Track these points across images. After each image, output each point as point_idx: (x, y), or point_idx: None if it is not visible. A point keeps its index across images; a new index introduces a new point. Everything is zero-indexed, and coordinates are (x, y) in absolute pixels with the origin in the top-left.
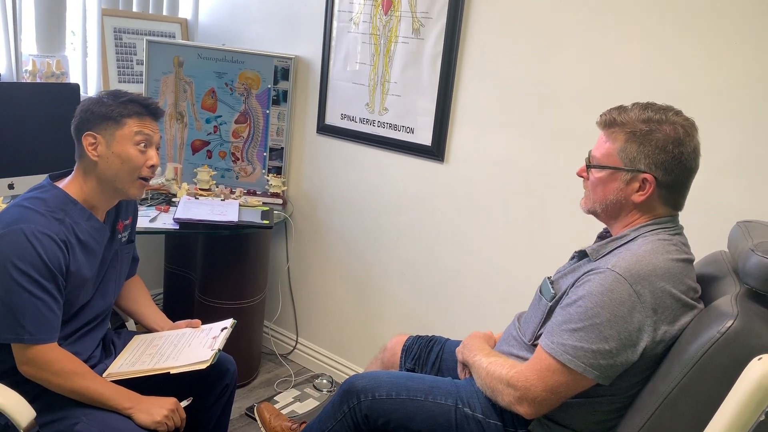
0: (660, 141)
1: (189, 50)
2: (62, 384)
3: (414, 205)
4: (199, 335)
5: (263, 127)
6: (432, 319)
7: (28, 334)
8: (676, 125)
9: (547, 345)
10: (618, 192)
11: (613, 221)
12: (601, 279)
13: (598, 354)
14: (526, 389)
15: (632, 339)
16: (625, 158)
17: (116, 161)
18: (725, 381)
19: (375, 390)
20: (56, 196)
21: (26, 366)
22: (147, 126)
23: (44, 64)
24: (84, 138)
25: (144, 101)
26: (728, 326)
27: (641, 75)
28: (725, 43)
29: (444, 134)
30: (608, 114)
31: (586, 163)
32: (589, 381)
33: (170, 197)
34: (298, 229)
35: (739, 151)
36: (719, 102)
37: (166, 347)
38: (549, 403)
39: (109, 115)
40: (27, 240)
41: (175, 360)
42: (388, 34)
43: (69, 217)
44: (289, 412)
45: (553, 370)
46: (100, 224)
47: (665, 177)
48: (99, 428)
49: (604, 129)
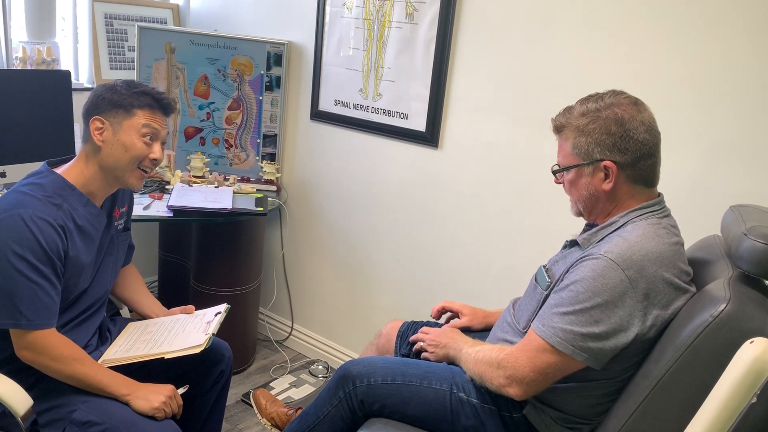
0: (602, 126)
1: (181, 36)
2: (60, 369)
3: (408, 190)
4: (193, 320)
5: (256, 113)
6: (426, 304)
7: (25, 320)
8: (613, 107)
9: (538, 327)
10: (588, 186)
11: (597, 215)
12: (594, 264)
13: (587, 337)
14: (516, 369)
15: (623, 324)
16: (581, 153)
17: (120, 148)
18: (718, 364)
19: (370, 375)
20: (54, 181)
21: (25, 351)
22: (156, 120)
23: (34, 50)
24: (92, 122)
25: (157, 95)
26: (721, 310)
27: (634, 61)
28: (717, 28)
29: (438, 120)
30: (555, 119)
31: (552, 171)
32: (579, 364)
33: (164, 185)
34: (293, 215)
35: (732, 135)
36: (712, 86)
37: (160, 333)
38: (538, 385)
39: (120, 102)
40: (25, 225)
41: (169, 345)
42: (382, 18)
43: (67, 202)
44: (285, 398)
45: (542, 351)
46: (98, 210)
47: (623, 157)
48: (96, 415)
49: (557, 134)
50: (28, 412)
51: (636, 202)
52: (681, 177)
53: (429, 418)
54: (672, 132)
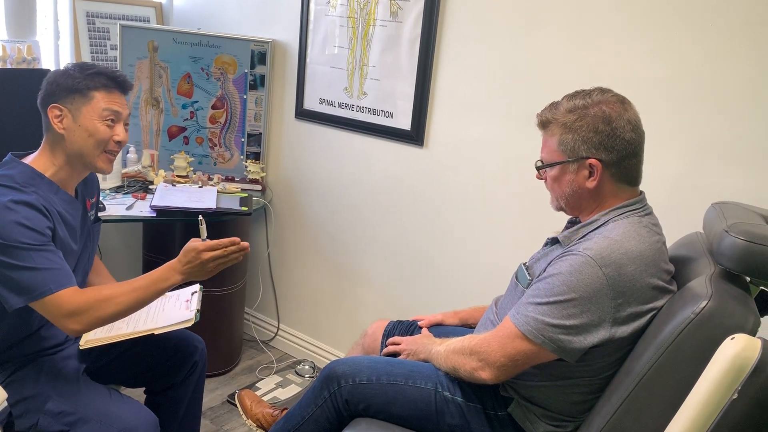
0: (590, 124)
1: (164, 34)
2: (110, 312)
3: (393, 189)
4: (170, 301)
5: (240, 112)
6: (412, 303)
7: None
8: (601, 105)
9: (512, 315)
10: (572, 183)
11: (579, 212)
12: (572, 260)
13: (558, 329)
14: (487, 353)
15: (593, 321)
16: (566, 150)
17: (83, 134)
18: (700, 360)
19: (355, 375)
20: (22, 171)
21: (66, 319)
22: (115, 102)
23: (14, 49)
24: (50, 110)
25: (111, 73)
26: (702, 306)
27: (620, 59)
28: (699, 27)
29: (423, 119)
30: (541, 114)
31: (536, 166)
32: (548, 354)
33: (147, 184)
34: (278, 215)
35: (714, 133)
36: (694, 85)
37: (138, 314)
38: (508, 370)
39: (75, 87)
40: (6, 209)
41: (154, 323)
42: (366, 17)
43: (39, 191)
44: (271, 399)
45: (514, 338)
46: (71, 197)
47: (608, 155)
48: (69, 405)
49: (542, 129)
50: (1, 405)
51: (618, 201)
52: (663, 175)
53: (414, 417)
54: (654, 130)
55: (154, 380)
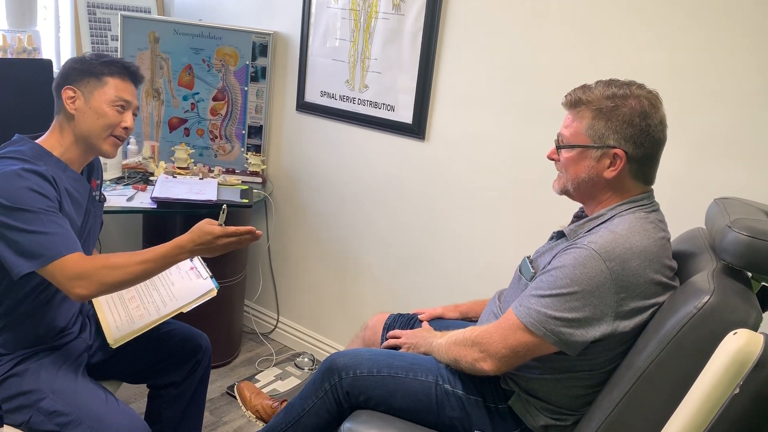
0: (626, 115)
1: (165, 26)
2: (118, 280)
3: (394, 183)
4: (173, 274)
5: (241, 104)
6: (413, 297)
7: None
8: (640, 98)
9: (515, 307)
10: (590, 170)
11: (587, 200)
12: (577, 253)
13: (560, 321)
14: (489, 344)
15: (597, 314)
16: (594, 135)
17: (92, 116)
18: (701, 355)
19: (356, 367)
20: (32, 148)
21: (72, 282)
22: (127, 90)
23: (15, 39)
24: (64, 91)
25: (126, 64)
26: (705, 301)
27: (624, 53)
28: (704, 22)
29: (425, 112)
30: (573, 94)
31: (556, 144)
32: (549, 346)
33: (147, 176)
34: (278, 207)
35: (717, 128)
36: (700, 78)
37: (147, 297)
38: (509, 362)
39: (90, 71)
40: (17, 176)
41: (176, 301)
42: (368, 9)
43: (48, 167)
44: (271, 391)
45: (516, 330)
46: (79, 175)
47: (635, 150)
48: (64, 406)
49: (570, 109)
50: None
51: (628, 196)
52: (666, 170)
53: (414, 409)
54: None
55: (157, 377)
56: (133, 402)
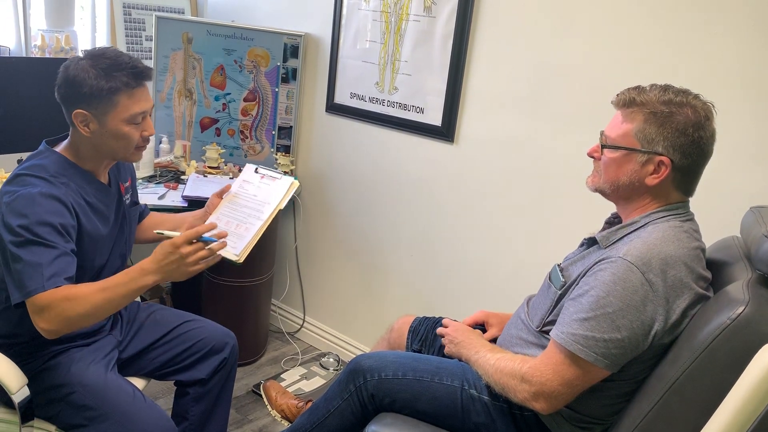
0: (681, 124)
1: (198, 26)
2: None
3: (423, 185)
4: (250, 189)
5: (272, 105)
6: (439, 300)
7: (22, 292)
8: (696, 108)
9: (557, 335)
10: (632, 174)
11: (623, 203)
12: (614, 268)
13: (609, 343)
14: (542, 384)
15: (644, 328)
16: (643, 139)
17: (111, 138)
18: (734, 367)
19: (381, 370)
20: (56, 161)
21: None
22: (140, 101)
23: (53, 39)
24: (74, 116)
25: (130, 68)
26: (739, 312)
27: (657, 57)
28: (735, 28)
29: (454, 115)
30: (627, 93)
31: (601, 143)
32: (601, 371)
33: (179, 175)
34: (306, 208)
35: (753, 135)
36: (731, 86)
37: (241, 215)
38: (565, 398)
39: (97, 94)
40: (34, 202)
41: (268, 205)
42: (400, 11)
43: (72, 181)
44: (296, 390)
45: (566, 363)
46: (104, 186)
47: (682, 160)
48: (93, 401)
49: (622, 108)
50: (22, 391)
51: (666, 204)
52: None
53: (439, 413)
54: None
55: (183, 373)
56: (160, 398)
